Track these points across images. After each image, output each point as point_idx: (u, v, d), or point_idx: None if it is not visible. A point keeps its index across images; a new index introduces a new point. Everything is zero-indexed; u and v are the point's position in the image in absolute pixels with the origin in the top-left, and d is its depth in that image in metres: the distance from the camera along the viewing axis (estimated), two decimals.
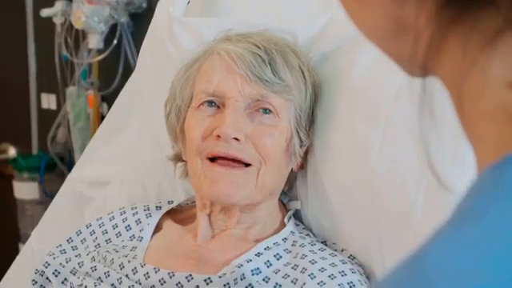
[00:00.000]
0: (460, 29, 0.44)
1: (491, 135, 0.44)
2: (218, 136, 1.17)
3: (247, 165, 1.19)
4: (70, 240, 1.34)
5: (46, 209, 1.69)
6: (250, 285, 1.15)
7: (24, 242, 2.08)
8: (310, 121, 1.25)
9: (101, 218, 1.35)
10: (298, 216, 1.32)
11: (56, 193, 1.69)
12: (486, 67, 0.44)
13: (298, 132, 1.23)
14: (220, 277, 1.15)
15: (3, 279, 1.65)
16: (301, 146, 1.24)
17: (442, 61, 0.46)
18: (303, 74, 1.24)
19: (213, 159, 1.19)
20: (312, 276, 1.15)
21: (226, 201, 1.19)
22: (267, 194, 1.22)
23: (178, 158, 1.31)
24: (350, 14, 0.50)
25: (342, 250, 1.25)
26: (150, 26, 1.47)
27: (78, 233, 1.34)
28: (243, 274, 1.15)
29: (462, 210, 0.43)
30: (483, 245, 0.40)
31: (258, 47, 1.20)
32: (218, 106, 1.21)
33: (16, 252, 1.79)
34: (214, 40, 1.27)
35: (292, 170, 1.27)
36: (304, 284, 1.14)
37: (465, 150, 0.47)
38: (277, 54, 1.21)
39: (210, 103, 1.21)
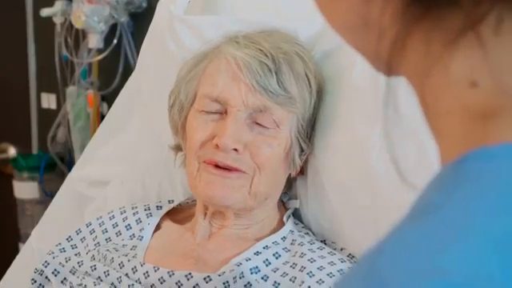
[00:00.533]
0: (424, 27, 0.45)
1: (453, 132, 0.44)
2: (217, 145, 1.18)
3: (242, 171, 1.19)
4: (69, 239, 1.34)
5: (45, 208, 1.69)
6: (248, 283, 1.15)
7: (24, 242, 2.08)
8: (311, 127, 1.25)
9: (101, 217, 1.35)
10: (297, 215, 1.32)
11: (56, 192, 1.69)
12: (448, 65, 0.44)
13: (298, 141, 1.23)
14: (219, 275, 1.15)
15: (3, 279, 1.65)
16: (300, 155, 1.24)
17: (406, 58, 0.46)
18: (309, 81, 1.23)
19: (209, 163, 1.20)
20: (311, 274, 1.15)
21: (219, 202, 1.20)
22: (261, 200, 1.22)
23: (179, 148, 1.31)
24: (320, 7, 0.50)
25: (342, 249, 1.25)
26: (150, 25, 1.47)
27: (78, 231, 1.34)
28: (242, 273, 1.15)
29: (420, 205, 0.43)
30: (441, 242, 0.39)
31: (266, 55, 1.20)
32: (221, 112, 1.21)
33: (16, 251, 1.79)
34: (223, 37, 1.27)
35: (290, 175, 1.27)
36: (303, 282, 1.14)
37: (428, 146, 0.47)
38: (284, 63, 1.20)
39: (213, 111, 1.21)
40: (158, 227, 1.31)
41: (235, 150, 1.17)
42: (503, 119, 0.43)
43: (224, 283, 1.14)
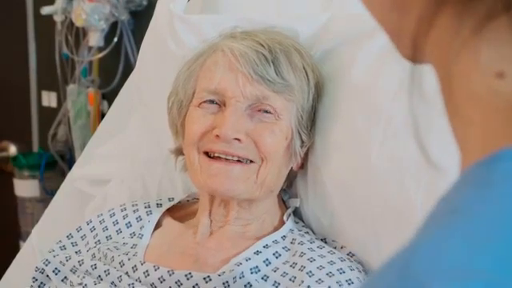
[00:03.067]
0: (454, 6, 0.43)
1: (479, 119, 0.43)
2: (217, 136, 1.17)
3: (250, 162, 1.19)
4: (70, 236, 1.34)
5: (46, 207, 1.69)
6: (248, 283, 1.15)
7: (24, 240, 2.08)
8: (311, 121, 1.25)
9: (101, 214, 1.35)
10: (297, 213, 1.32)
11: (56, 191, 1.70)
12: (476, 52, 0.42)
13: (299, 132, 1.23)
14: (219, 275, 1.15)
15: (4, 277, 1.65)
16: (301, 147, 1.24)
17: (432, 39, 0.44)
18: (307, 74, 1.23)
19: (210, 156, 1.19)
20: (310, 274, 1.15)
21: (223, 194, 1.20)
22: (267, 192, 1.22)
23: (179, 152, 1.31)
24: None
25: (342, 248, 1.25)
26: (150, 24, 1.47)
27: (79, 229, 1.34)
28: (242, 273, 1.15)
29: (450, 204, 0.42)
30: (477, 242, 0.39)
31: (262, 46, 1.20)
32: (219, 105, 1.21)
33: (16, 250, 1.79)
34: (220, 36, 1.27)
35: (292, 169, 1.27)
36: (302, 282, 1.14)
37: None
38: (281, 54, 1.21)
39: (212, 102, 1.21)
40: (158, 225, 1.31)
41: (238, 140, 1.17)
42: None
43: (224, 283, 1.14)
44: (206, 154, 1.20)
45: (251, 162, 1.19)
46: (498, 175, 0.41)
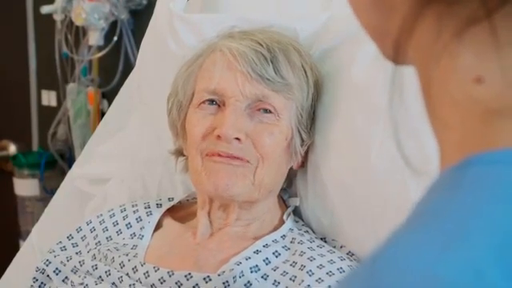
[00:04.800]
0: (437, 9, 0.43)
1: (456, 123, 0.43)
2: (219, 136, 1.17)
3: (245, 161, 1.19)
4: (70, 237, 1.33)
5: (46, 206, 1.69)
6: (248, 282, 1.15)
7: (24, 239, 2.08)
8: (311, 119, 1.25)
9: (101, 214, 1.34)
10: (297, 212, 1.32)
11: (56, 190, 1.69)
12: (455, 56, 0.42)
13: (299, 131, 1.23)
14: (219, 275, 1.15)
15: (3, 276, 1.65)
16: (302, 145, 1.24)
17: (414, 41, 0.44)
18: (305, 72, 1.23)
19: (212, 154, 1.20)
20: (310, 273, 1.15)
21: (224, 192, 1.19)
22: (266, 192, 1.22)
23: (179, 153, 1.31)
24: None
25: (342, 247, 1.25)
26: (150, 23, 1.47)
27: (79, 229, 1.34)
28: (242, 272, 1.15)
29: (421, 208, 0.42)
30: (438, 247, 0.38)
31: (261, 45, 1.20)
32: (219, 105, 1.21)
33: (16, 249, 1.79)
34: (218, 36, 1.27)
35: (292, 167, 1.27)
36: (302, 281, 1.14)
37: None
38: (279, 53, 1.21)
39: (211, 102, 1.21)
40: (158, 225, 1.30)
41: (237, 139, 1.17)
42: (509, 120, 0.41)
43: (224, 283, 1.14)
44: (208, 155, 1.20)
45: (247, 162, 1.19)
46: (467, 180, 0.41)
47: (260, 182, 1.20)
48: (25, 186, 2.72)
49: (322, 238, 1.27)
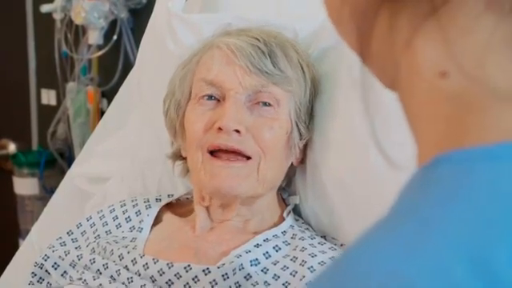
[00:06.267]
0: (391, 5, 0.43)
1: (427, 120, 0.43)
2: (219, 128, 1.17)
3: (248, 158, 1.19)
4: (70, 232, 1.34)
5: (45, 204, 1.69)
6: (248, 274, 1.14)
7: (24, 238, 2.08)
8: (309, 116, 1.25)
9: (101, 210, 1.35)
10: (296, 212, 1.32)
11: (56, 188, 1.70)
12: (417, 51, 0.43)
13: (297, 125, 1.23)
14: (218, 267, 1.15)
15: (3, 274, 1.65)
16: (300, 139, 1.24)
17: (375, 36, 0.45)
18: (302, 68, 1.24)
19: (213, 152, 1.20)
20: (312, 269, 1.15)
21: (228, 193, 1.19)
22: (268, 187, 1.23)
23: (176, 156, 1.31)
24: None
25: (342, 245, 1.25)
26: (149, 22, 1.47)
27: (79, 225, 1.34)
28: (242, 265, 1.15)
29: (392, 209, 0.42)
30: (404, 248, 0.38)
31: (258, 40, 1.21)
32: (218, 100, 1.21)
33: (16, 248, 1.79)
34: (213, 35, 1.28)
35: (292, 164, 1.27)
36: (303, 277, 1.14)
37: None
38: (276, 47, 1.21)
39: (210, 97, 1.21)
40: (158, 219, 1.31)
41: (237, 131, 1.17)
42: (477, 115, 0.41)
43: (223, 275, 1.14)
44: (209, 152, 1.20)
45: (249, 158, 1.19)
46: (435, 179, 0.41)
47: (264, 177, 1.20)
48: (24, 185, 2.72)
49: (322, 236, 1.27)
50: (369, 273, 0.38)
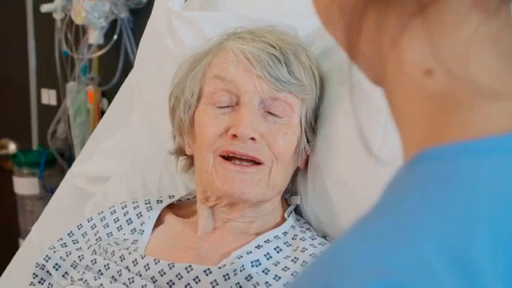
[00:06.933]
0: (377, 5, 0.44)
1: (411, 117, 0.44)
2: (234, 135, 1.17)
3: (260, 163, 1.19)
4: (70, 234, 1.34)
5: (45, 204, 1.69)
6: (249, 275, 1.14)
7: (24, 238, 2.08)
8: (315, 119, 1.26)
9: (102, 211, 1.35)
10: (297, 212, 1.32)
11: (56, 188, 1.70)
12: (403, 49, 0.43)
13: (305, 131, 1.23)
14: (220, 268, 1.15)
15: (3, 274, 1.65)
16: (307, 143, 1.24)
17: (363, 35, 0.45)
18: (313, 73, 1.24)
19: (226, 157, 1.19)
20: None
21: (239, 198, 1.19)
22: (277, 192, 1.23)
23: (179, 152, 1.31)
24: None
25: None
26: (148, 21, 1.47)
27: (79, 227, 1.34)
28: (243, 266, 1.15)
29: (376, 205, 0.43)
30: (385, 242, 0.39)
31: (273, 47, 1.20)
32: (232, 106, 1.20)
33: (16, 247, 1.79)
34: (222, 35, 1.27)
35: (298, 168, 1.27)
36: None
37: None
38: (291, 54, 1.21)
39: (224, 106, 1.20)
40: (160, 221, 1.31)
41: (253, 139, 1.17)
42: (459, 112, 0.42)
43: (224, 276, 1.14)
44: (222, 157, 1.20)
45: (261, 163, 1.19)
46: (416, 176, 0.42)
47: (274, 182, 1.20)
48: (24, 185, 2.71)
49: (323, 237, 1.27)
50: (346, 268, 0.39)
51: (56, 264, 1.28)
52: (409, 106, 0.44)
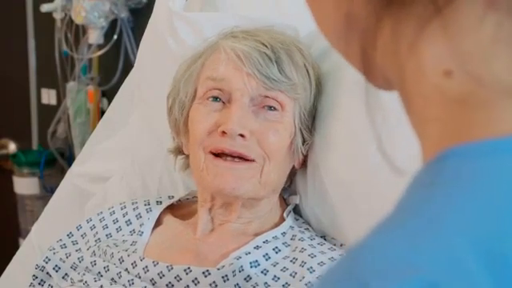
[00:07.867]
0: (393, 11, 0.44)
1: (433, 117, 0.44)
2: (224, 132, 1.17)
3: (251, 160, 1.19)
4: (70, 235, 1.34)
5: (46, 204, 1.69)
6: (248, 276, 1.15)
7: (24, 238, 2.08)
8: (312, 118, 1.25)
9: (101, 212, 1.35)
10: (296, 211, 1.32)
11: (56, 188, 1.70)
12: (421, 53, 0.43)
13: (301, 130, 1.23)
14: (218, 269, 1.15)
15: (3, 274, 1.65)
16: (303, 144, 1.24)
17: (379, 46, 0.45)
18: (308, 72, 1.24)
19: (216, 154, 1.19)
20: (311, 270, 1.15)
21: (230, 193, 1.19)
22: (270, 190, 1.23)
23: (178, 151, 1.31)
24: (312, 13, 0.51)
25: (341, 245, 1.25)
26: (149, 21, 1.47)
27: (79, 227, 1.34)
28: (242, 267, 1.15)
29: (400, 206, 0.43)
30: (416, 240, 0.39)
31: (265, 46, 1.20)
32: (224, 102, 1.21)
33: (16, 247, 1.79)
34: (219, 35, 1.27)
35: (294, 167, 1.27)
36: (303, 278, 1.14)
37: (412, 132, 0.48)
38: (283, 53, 1.21)
39: (216, 98, 1.21)
40: (159, 222, 1.31)
41: (242, 136, 1.17)
42: (483, 111, 0.42)
43: (223, 277, 1.14)
44: (213, 153, 1.20)
45: (252, 161, 1.19)
46: (443, 174, 0.41)
47: (266, 180, 1.20)
48: (24, 185, 2.71)
49: (321, 236, 1.27)
50: (379, 262, 0.39)
51: (56, 265, 1.28)
52: (429, 108, 0.44)
